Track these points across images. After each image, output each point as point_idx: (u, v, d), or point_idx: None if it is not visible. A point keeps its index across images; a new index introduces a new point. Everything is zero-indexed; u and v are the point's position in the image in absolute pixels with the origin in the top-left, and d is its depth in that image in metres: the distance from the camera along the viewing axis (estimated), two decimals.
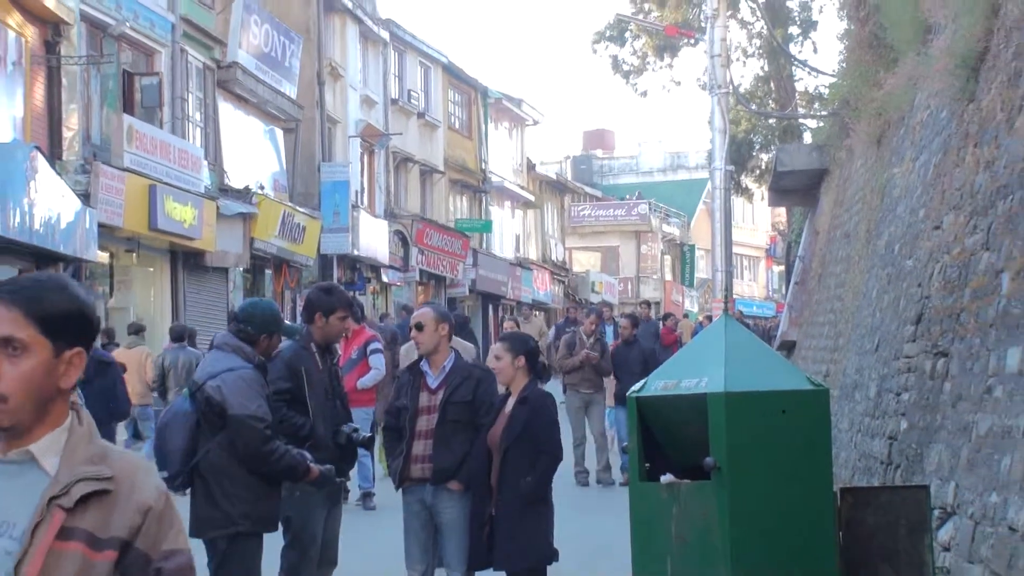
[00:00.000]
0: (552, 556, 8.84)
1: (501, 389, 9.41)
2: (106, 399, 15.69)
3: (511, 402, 8.90)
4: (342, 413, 9.46)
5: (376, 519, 15.05)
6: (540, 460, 8.71)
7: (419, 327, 9.23)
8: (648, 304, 33.33)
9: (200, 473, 8.56)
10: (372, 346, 16.48)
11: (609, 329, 24.19)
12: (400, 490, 9.28)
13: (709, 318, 35.80)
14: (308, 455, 8.56)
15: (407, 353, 23.18)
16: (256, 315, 8.92)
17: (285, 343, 9.48)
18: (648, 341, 23.56)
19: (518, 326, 17.74)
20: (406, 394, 9.24)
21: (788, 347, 25.60)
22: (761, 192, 40.82)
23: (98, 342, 14.81)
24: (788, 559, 7.45)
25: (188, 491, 8.97)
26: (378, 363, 16.01)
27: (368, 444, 10.05)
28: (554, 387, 17.18)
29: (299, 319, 16.63)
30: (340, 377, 10.01)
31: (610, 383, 19.59)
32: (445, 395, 9.02)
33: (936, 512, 8.43)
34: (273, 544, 9.14)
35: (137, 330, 21.15)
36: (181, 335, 19.61)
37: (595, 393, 19.02)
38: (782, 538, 7.45)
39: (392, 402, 9.54)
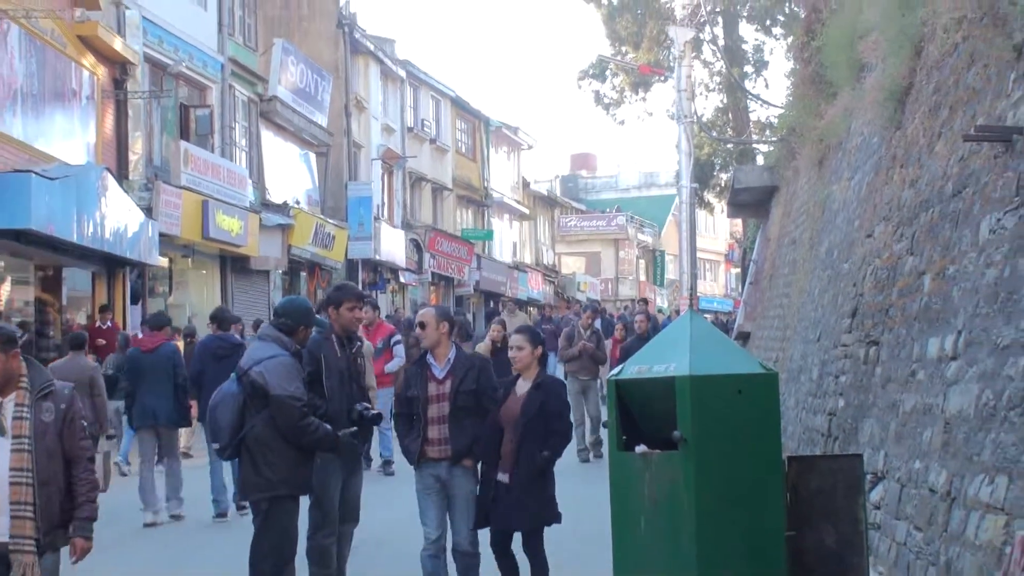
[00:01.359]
0: (557, 518, 8.89)
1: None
2: None
3: (524, 385, 8.86)
4: (357, 394, 9.37)
5: (394, 484, 14.98)
6: (553, 438, 8.71)
7: (422, 325, 9.16)
8: (646, 302, 33.19)
9: (246, 445, 8.66)
10: (395, 338, 16.85)
11: (597, 323, 24.08)
12: (416, 467, 9.07)
13: (677, 312, 35.78)
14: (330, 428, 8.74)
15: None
16: (293, 310, 9.10)
17: (314, 334, 9.60)
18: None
19: (504, 328, 17.23)
20: (415, 385, 9.07)
21: (744, 337, 25.58)
22: (721, 206, 40.73)
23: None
24: (744, 517, 7.40)
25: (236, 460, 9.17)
26: (401, 352, 16.78)
27: (377, 420, 9.78)
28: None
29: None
30: (359, 362, 9.75)
31: (606, 371, 18.92)
32: (454, 385, 8.90)
33: (868, 477, 8.43)
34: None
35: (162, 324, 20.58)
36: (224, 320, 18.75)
37: (591, 380, 18.74)
38: (739, 499, 7.40)
39: (403, 391, 9.30)
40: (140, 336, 16.37)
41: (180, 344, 19.30)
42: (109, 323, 21.91)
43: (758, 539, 7.44)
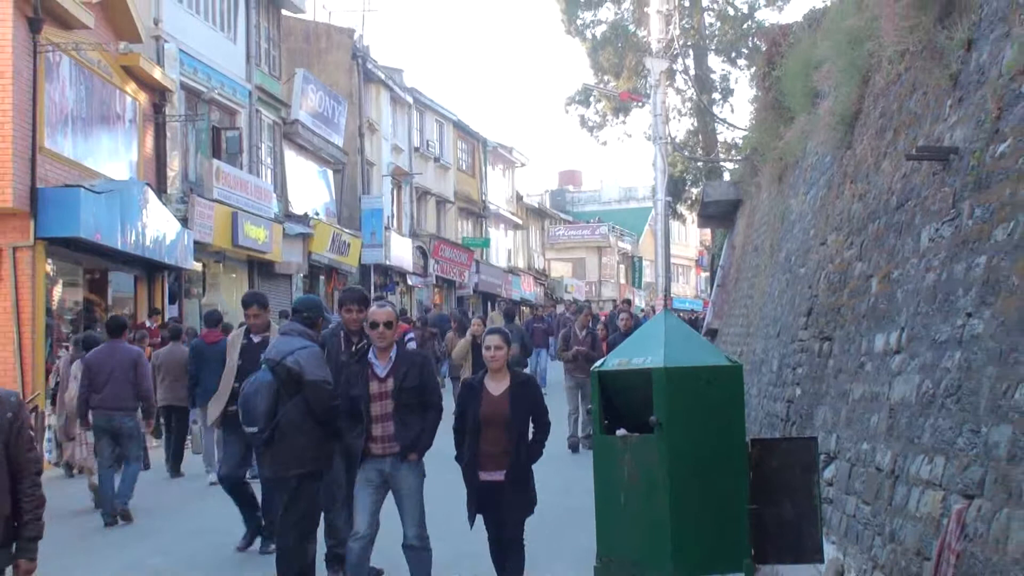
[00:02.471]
0: (533, 509, 8.54)
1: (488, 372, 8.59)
2: None
3: (498, 385, 8.37)
4: (359, 383, 9.29)
5: None
6: (541, 431, 8.40)
7: (389, 324, 8.39)
8: (629, 303, 33.13)
9: (280, 428, 8.68)
10: (408, 336, 16.97)
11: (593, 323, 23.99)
12: (360, 464, 8.40)
13: (653, 310, 35.80)
14: None
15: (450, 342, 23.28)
16: (312, 305, 9.36)
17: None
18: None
19: (484, 324, 17.06)
20: (358, 384, 8.38)
21: (712, 333, 25.56)
22: (692, 217, 40.76)
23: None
24: (712, 493, 7.40)
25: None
26: (413, 348, 16.75)
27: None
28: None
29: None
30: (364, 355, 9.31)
31: None
32: (396, 383, 8.26)
33: (822, 457, 8.45)
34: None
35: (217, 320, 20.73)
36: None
37: (587, 377, 17.60)
38: (707, 477, 7.40)
39: (346, 390, 8.51)
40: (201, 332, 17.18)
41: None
42: (155, 324, 22.07)
43: (724, 512, 7.44)
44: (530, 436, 8.45)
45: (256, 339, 10.94)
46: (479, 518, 8.44)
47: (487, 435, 8.22)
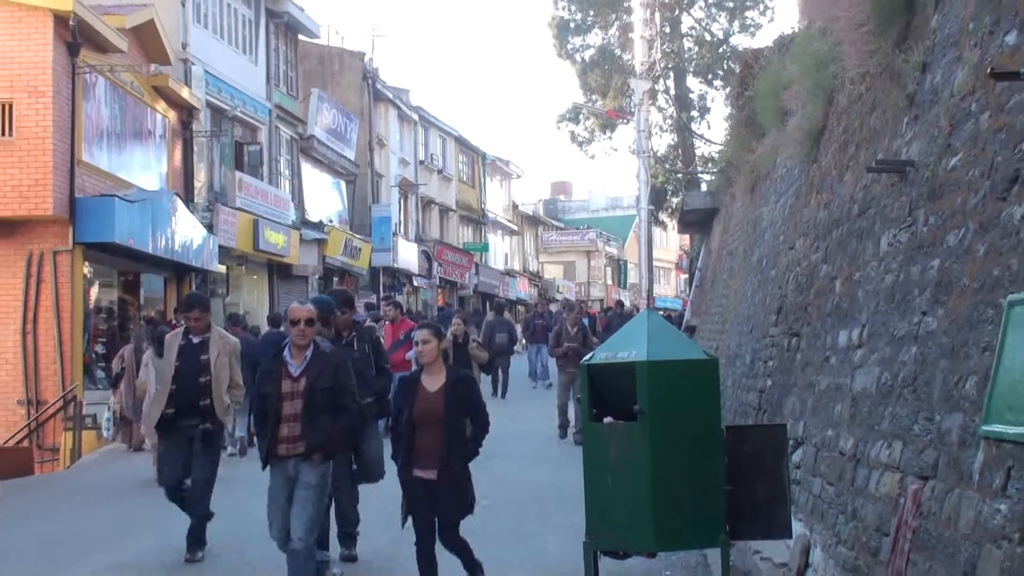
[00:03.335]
0: (472, 508, 7.67)
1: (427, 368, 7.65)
2: None
3: (433, 381, 7.53)
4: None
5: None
6: (478, 430, 7.55)
7: (310, 322, 7.58)
8: (621, 304, 33.08)
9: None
10: (415, 331, 16.81)
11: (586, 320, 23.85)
12: (268, 466, 7.52)
13: (636, 308, 35.77)
14: None
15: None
16: (326, 304, 9.16)
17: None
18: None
19: (465, 324, 16.59)
20: (270, 382, 7.49)
21: (691, 330, 25.52)
22: (672, 224, 40.74)
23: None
24: (690, 475, 7.39)
25: None
26: None
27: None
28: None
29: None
30: (359, 345, 9.37)
31: None
32: (309, 382, 7.40)
33: (790, 442, 8.47)
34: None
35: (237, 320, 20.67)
36: (277, 320, 18.44)
37: (577, 372, 16.45)
38: (686, 461, 7.38)
39: (258, 388, 7.63)
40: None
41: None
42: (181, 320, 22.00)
43: (702, 492, 7.44)
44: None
45: (196, 339, 9.74)
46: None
47: (421, 432, 7.40)
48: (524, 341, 30.24)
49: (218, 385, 9.53)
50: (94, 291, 20.97)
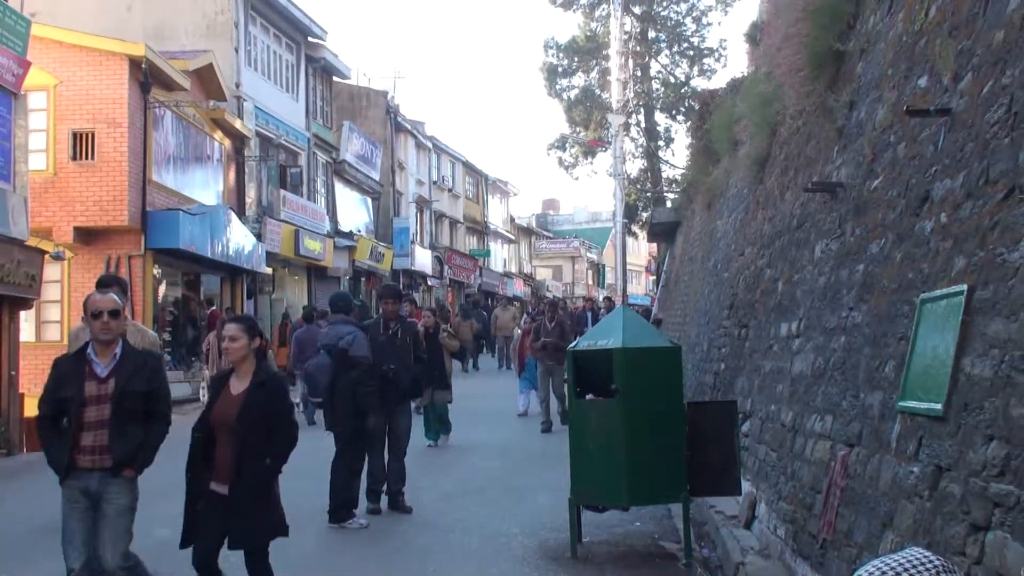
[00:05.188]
0: (285, 530, 5.43)
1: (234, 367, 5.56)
2: None
3: (239, 383, 5.43)
4: (392, 358, 9.21)
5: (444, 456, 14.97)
6: (280, 443, 5.36)
7: (115, 314, 5.44)
8: (591, 300, 32.97)
9: (337, 396, 8.80)
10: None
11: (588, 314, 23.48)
12: (63, 480, 5.33)
13: (613, 304, 35.70)
14: None
15: (495, 319, 22.33)
16: (345, 298, 9.64)
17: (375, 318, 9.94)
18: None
19: (434, 315, 15.02)
20: (70, 384, 5.34)
21: (658, 322, 25.55)
22: (643, 234, 40.70)
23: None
24: (658, 444, 7.41)
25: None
26: None
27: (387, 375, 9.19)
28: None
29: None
30: (400, 336, 9.39)
31: None
32: (119, 385, 5.33)
33: (741, 415, 8.51)
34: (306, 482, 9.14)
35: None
36: (311, 316, 17.87)
37: (555, 365, 15.00)
38: (654, 431, 7.40)
39: (53, 392, 5.42)
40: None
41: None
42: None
43: (667, 457, 7.47)
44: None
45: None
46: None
47: (219, 439, 5.34)
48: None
49: None
50: (162, 289, 20.96)
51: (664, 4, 37.13)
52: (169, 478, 5.79)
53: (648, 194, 37.19)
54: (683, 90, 36.96)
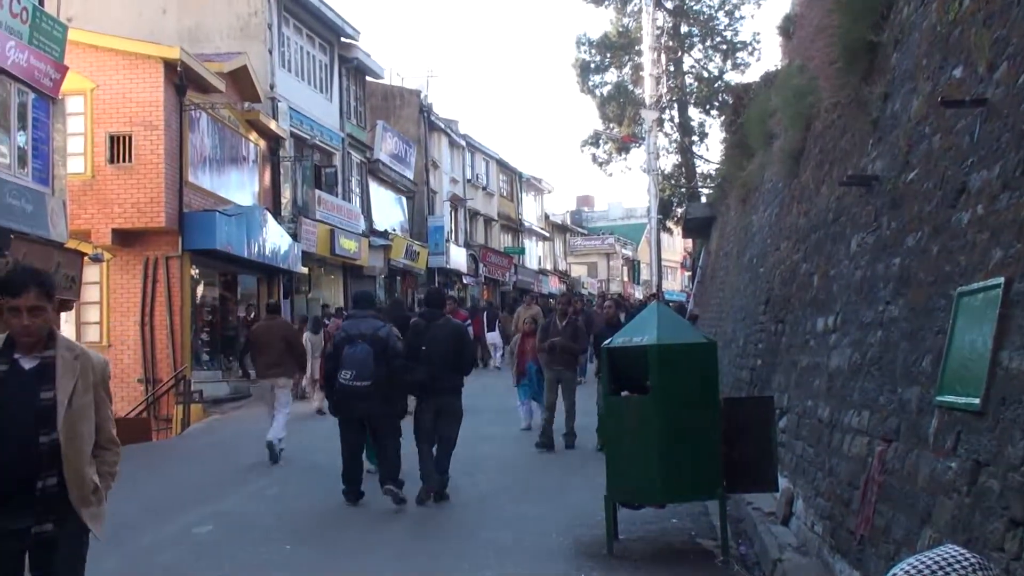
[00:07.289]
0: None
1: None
2: None
3: None
4: (434, 353, 9.59)
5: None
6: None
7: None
8: (604, 296, 32.87)
9: (377, 383, 9.17)
10: (465, 323, 17.05)
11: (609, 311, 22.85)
12: None
13: (648, 299, 35.62)
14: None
15: (517, 318, 22.51)
16: (365, 295, 10.19)
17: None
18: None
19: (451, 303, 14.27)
20: None
21: (694, 319, 25.48)
22: (677, 230, 40.54)
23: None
24: (693, 439, 7.40)
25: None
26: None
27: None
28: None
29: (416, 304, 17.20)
30: (445, 330, 9.70)
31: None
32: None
33: (777, 411, 8.48)
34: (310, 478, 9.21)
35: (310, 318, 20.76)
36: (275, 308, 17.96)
37: (565, 370, 13.18)
38: (690, 427, 7.39)
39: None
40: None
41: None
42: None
43: (703, 453, 7.46)
44: None
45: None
46: None
47: None
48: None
49: None
50: (199, 289, 21.18)
51: None
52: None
53: (682, 189, 37.05)
54: (716, 84, 36.80)
